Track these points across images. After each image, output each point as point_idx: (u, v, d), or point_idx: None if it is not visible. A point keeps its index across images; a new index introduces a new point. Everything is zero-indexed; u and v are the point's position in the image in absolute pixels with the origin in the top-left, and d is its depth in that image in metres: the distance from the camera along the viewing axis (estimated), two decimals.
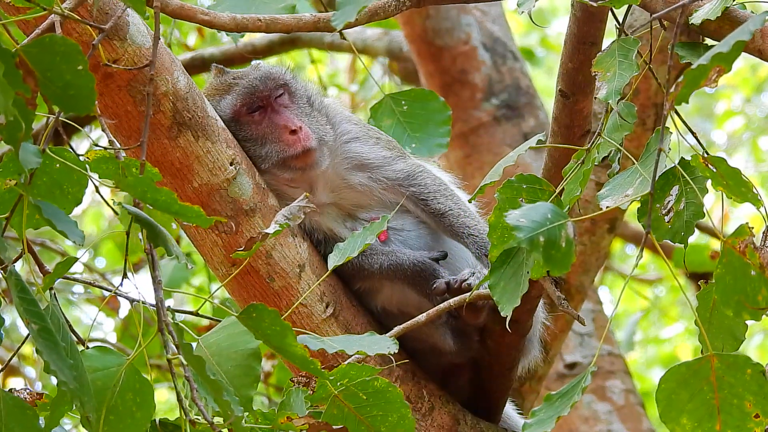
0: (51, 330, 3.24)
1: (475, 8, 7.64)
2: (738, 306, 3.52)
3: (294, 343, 3.40)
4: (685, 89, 3.29)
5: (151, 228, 3.30)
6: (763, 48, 3.79)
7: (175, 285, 7.95)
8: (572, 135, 4.19)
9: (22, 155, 3.17)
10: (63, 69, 3.16)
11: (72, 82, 3.17)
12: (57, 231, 3.32)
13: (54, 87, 3.17)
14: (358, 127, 4.92)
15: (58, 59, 3.16)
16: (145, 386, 3.40)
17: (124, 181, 3.30)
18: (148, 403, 3.40)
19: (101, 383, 3.37)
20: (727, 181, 3.61)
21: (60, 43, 3.15)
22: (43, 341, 3.21)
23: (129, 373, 3.40)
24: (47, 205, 3.34)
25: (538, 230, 3.39)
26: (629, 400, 7.45)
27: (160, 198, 3.29)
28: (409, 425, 3.68)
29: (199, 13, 3.91)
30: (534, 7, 3.84)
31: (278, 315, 3.39)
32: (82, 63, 3.16)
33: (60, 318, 3.32)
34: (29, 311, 3.23)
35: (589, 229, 6.49)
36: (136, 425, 3.38)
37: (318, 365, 3.47)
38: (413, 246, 4.81)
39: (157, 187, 3.28)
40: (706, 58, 3.24)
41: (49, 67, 3.16)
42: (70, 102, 3.19)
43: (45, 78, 3.16)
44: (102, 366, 3.39)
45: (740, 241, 3.51)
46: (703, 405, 3.49)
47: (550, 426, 3.50)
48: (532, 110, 7.56)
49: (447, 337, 4.78)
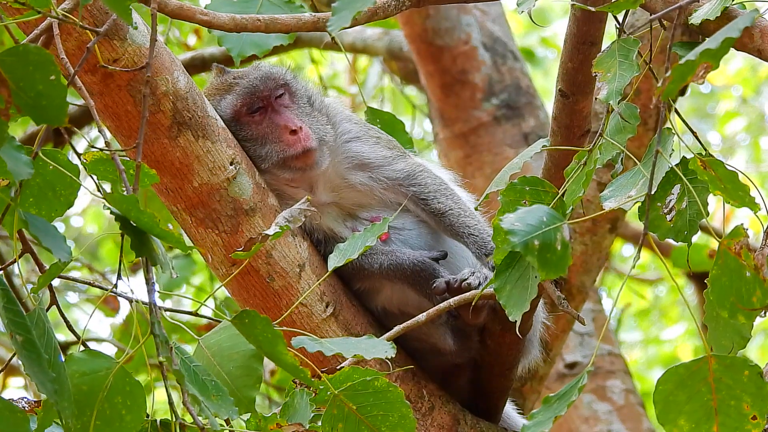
0: (35, 342, 3.21)
1: (475, 8, 7.64)
2: (733, 307, 3.52)
3: (285, 351, 3.39)
4: (672, 84, 3.29)
5: (138, 236, 3.27)
6: (762, 48, 3.78)
7: (176, 285, 7.95)
8: (572, 135, 4.19)
9: (13, 166, 3.15)
10: (36, 79, 3.13)
11: (44, 92, 3.14)
12: (42, 247, 3.29)
13: (26, 97, 3.14)
14: (359, 127, 4.92)
15: (31, 69, 3.13)
16: (136, 389, 3.37)
17: (111, 196, 3.27)
18: (138, 405, 3.36)
19: (87, 388, 3.34)
20: (725, 185, 3.61)
21: (34, 53, 3.13)
22: (26, 353, 3.18)
23: (118, 376, 3.36)
24: (34, 219, 3.30)
25: (532, 234, 3.38)
26: (629, 400, 7.45)
27: (142, 219, 3.25)
28: (410, 425, 3.67)
29: (198, 13, 3.90)
30: (534, 7, 3.84)
31: (270, 322, 3.38)
32: (55, 73, 3.13)
33: (46, 324, 3.29)
34: (14, 322, 3.20)
35: (590, 229, 6.49)
36: (125, 428, 3.35)
37: (308, 374, 3.45)
38: (413, 245, 4.81)
39: (140, 208, 3.23)
40: (693, 54, 3.24)
41: (22, 77, 3.13)
42: (42, 112, 3.16)
43: (18, 88, 3.13)
44: (90, 370, 3.35)
45: (736, 242, 3.51)
46: (701, 406, 3.49)
47: (547, 426, 3.50)
48: (532, 110, 7.56)
49: (447, 337, 4.78)
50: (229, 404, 3.30)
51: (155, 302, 3.28)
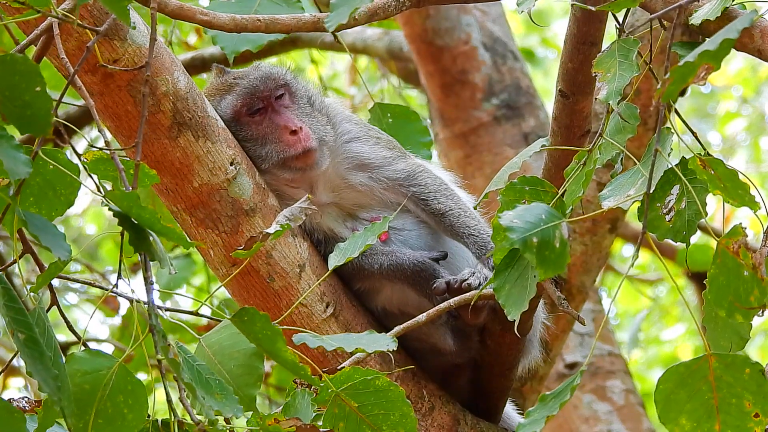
0: (37, 340, 3.22)
1: (475, 8, 7.64)
2: (730, 306, 3.51)
3: (284, 348, 3.39)
4: (672, 86, 3.30)
5: (137, 232, 3.27)
6: (762, 48, 3.79)
7: (176, 285, 7.95)
8: (572, 135, 4.19)
9: (11, 165, 3.16)
10: (22, 88, 3.16)
11: (30, 102, 3.17)
12: (42, 247, 3.30)
13: (12, 106, 3.17)
14: (359, 127, 4.92)
15: (17, 78, 3.16)
16: (138, 388, 3.37)
17: (111, 193, 3.28)
18: (140, 404, 3.37)
19: (89, 387, 3.34)
20: (724, 184, 3.61)
21: (21, 63, 3.16)
22: (28, 351, 3.19)
23: (120, 375, 3.36)
24: (34, 218, 3.31)
25: (531, 231, 3.39)
26: (629, 400, 7.45)
27: (144, 215, 3.26)
28: (411, 423, 3.68)
29: (198, 14, 3.91)
30: (534, 6, 3.84)
31: (269, 319, 3.38)
32: (41, 84, 3.17)
33: (46, 323, 3.30)
34: (16, 320, 3.21)
35: (590, 230, 6.49)
36: (127, 427, 3.35)
37: (308, 371, 3.46)
38: (414, 246, 4.81)
39: (141, 204, 3.25)
40: (693, 55, 3.25)
41: (8, 87, 3.16)
42: (27, 122, 3.19)
43: (3, 96, 3.16)
44: (91, 369, 3.35)
45: (734, 241, 3.51)
46: (702, 405, 3.49)
47: (539, 426, 3.50)
48: (532, 110, 7.56)
49: (447, 337, 4.78)
50: (234, 402, 3.30)
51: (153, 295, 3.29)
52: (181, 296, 6.66)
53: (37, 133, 3.20)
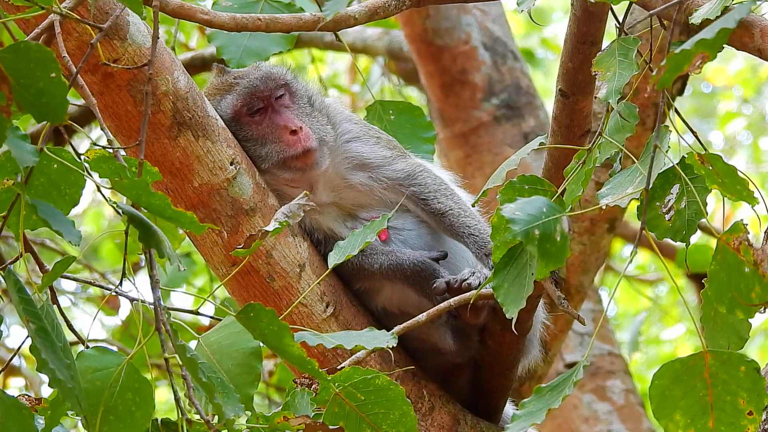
0: (48, 330, 3.23)
1: (475, 8, 7.64)
2: (731, 303, 3.51)
3: (291, 343, 3.39)
4: (667, 74, 3.30)
5: (146, 228, 3.28)
6: (763, 47, 3.79)
7: (175, 284, 7.95)
8: (572, 135, 4.20)
9: (18, 153, 3.16)
10: (37, 76, 3.13)
11: (45, 89, 3.14)
12: (53, 230, 3.30)
13: (27, 94, 3.15)
14: (359, 127, 4.93)
15: (32, 66, 3.13)
16: (145, 386, 3.38)
17: (120, 183, 3.28)
18: (147, 402, 3.38)
19: (100, 383, 3.35)
20: (722, 179, 3.61)
21: (35, 50, 3.13)
22: (40, 340, 3.20)
23: (128, 372, 3.38)
24: (43, 205, 3.32)
25: (533, 223, 3.39)
26: (629, 400, 7.45)
27: (154, 202, 3.27)
28: (411, 422, 3.68)
29: (199, 13, 3.91)
30: (534, 6, 3.85)
31: (275, 315, 3.38)
32: (56, 71, 3.13)
33: (54, 319, 3.31)
34: (27, 310, 3.22)
35: (588, 229, 6.50)
36: (136, 425, 3.37)
37: (316, 365, 3.46)
38: (414, 245, 4.81)
39: (151, 191, 3.26)
40: (689, 43, 3.25)
41: (23, 74, 3.13)
42: (43, 110, 3.16)
43: (19, 85, 3.13)
44: (101, 366, 3.37)
45: (735, 237, 3.51)
46: (697, 402, 3.49)
47: (540, 418, 3.49)
48: (532, 110, 7.57)
49: (447, 337, 4.78)
50: (235, 401, 3.31)
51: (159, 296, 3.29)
52: (180, 294, 6.65)
53: (53, 120, 3.18)
